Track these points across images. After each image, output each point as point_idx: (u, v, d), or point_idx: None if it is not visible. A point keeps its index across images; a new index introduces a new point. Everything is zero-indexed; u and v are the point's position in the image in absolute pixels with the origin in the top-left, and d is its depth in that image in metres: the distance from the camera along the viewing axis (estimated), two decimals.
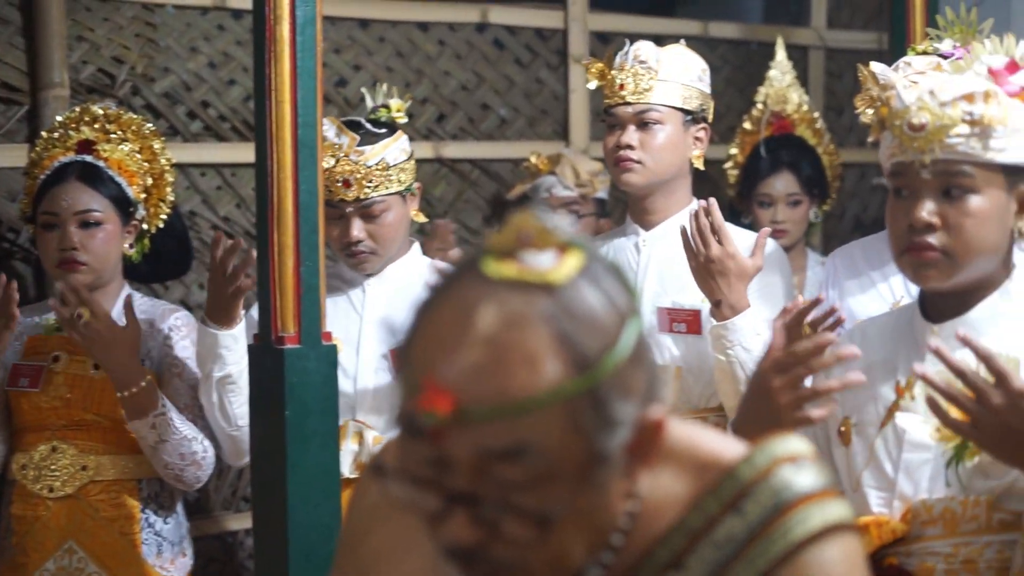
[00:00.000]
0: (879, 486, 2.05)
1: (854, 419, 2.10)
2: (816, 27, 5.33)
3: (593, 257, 1.26)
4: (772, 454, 1.33)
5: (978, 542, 1.97)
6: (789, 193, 4.12)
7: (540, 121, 4.80)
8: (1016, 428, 1.82)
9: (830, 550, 1.28)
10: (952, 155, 1.98)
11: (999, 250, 2.03)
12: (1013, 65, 2.03)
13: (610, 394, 1.22)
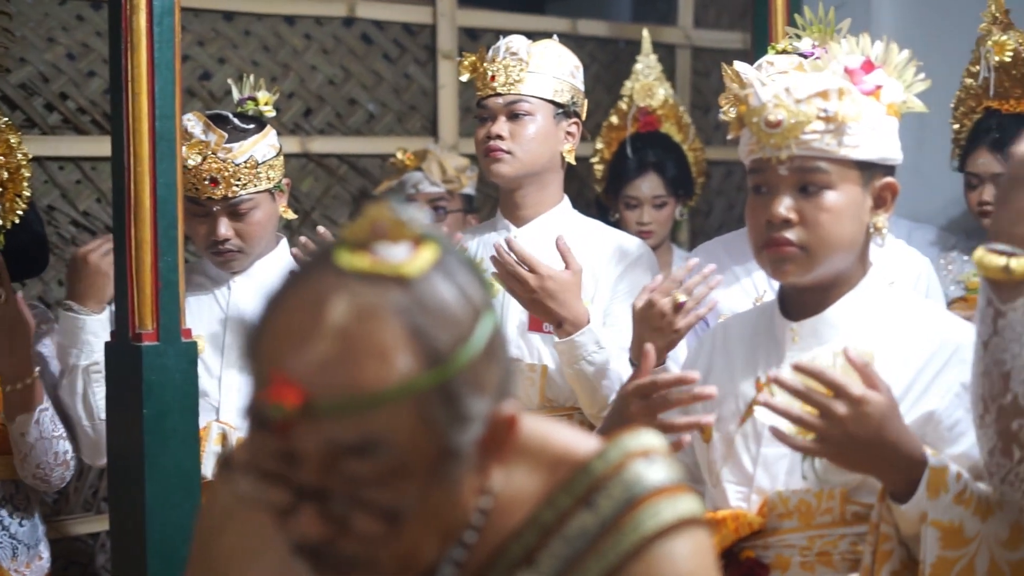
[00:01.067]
0: (738, 480, 2.07)
1: (714, 416, 2.11)
2: (683, 26, 5.38)
3: (448, 251, 1.25)
4: (625, 449, 1.32)
5: (832, 534, 1.99)
6: (655, 195, 4.15)
7: (408, 117, 4.78)
8: (860, 436, 1.85)
9: (680, 543, 1.28)
10: (808, 151, 2.00)
11: (855, 245, 2.06)
12: (868, 64, 2.07)
13: (462, 389, 1.20)
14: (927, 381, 1.99)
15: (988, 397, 1.76)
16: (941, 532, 1.88)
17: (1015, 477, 1.78)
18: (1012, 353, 1.73)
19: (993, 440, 1.78)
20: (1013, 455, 1.77)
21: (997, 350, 1.74)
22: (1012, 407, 1.75)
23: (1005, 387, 1.74)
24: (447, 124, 4.77)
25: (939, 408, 1.97)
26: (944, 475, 1.89)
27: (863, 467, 1.91)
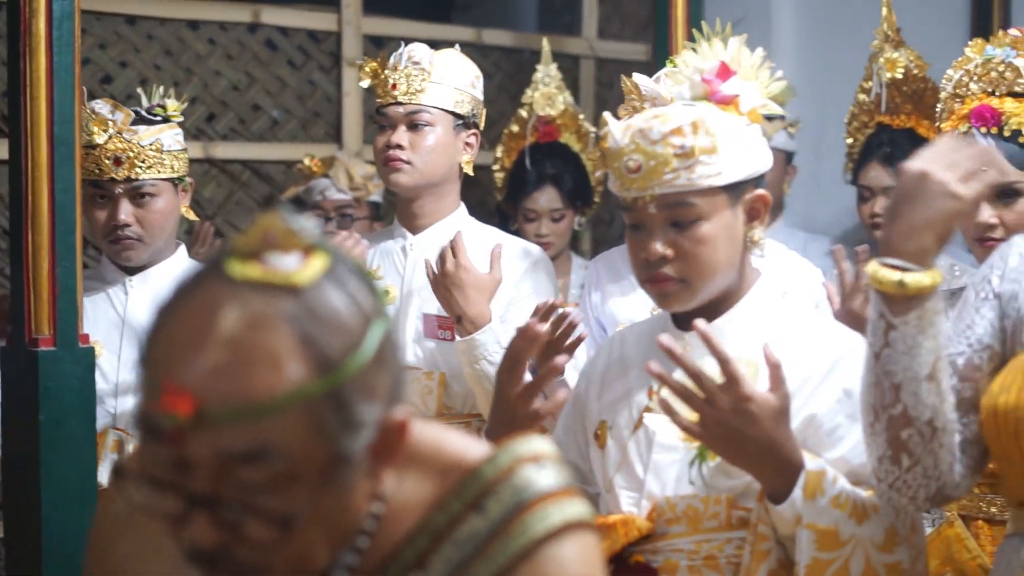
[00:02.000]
0: (630, 486, 2.11)
1: (609, 422, 2.15)
2: (587, 37, 5.44)
3: (338, 259, 1.26)
4: (515, 454, 1.35)
5: (719, 538, 2.03)
6: (553, 209, 4.19)
7: (313, 123, 4.78)
8: (740, 430, 1.89)
9: (568, 546, 1.31)
10: (672, 189, 2.03)
11: (734, 264, 2.09)
12: (724, 69, 2.10)
13: (353, 396, 1.22)
14: (811, 387, 2.03)
15: (879, 407, 1.81)
16: (816, 534, 1.92)
17: (903, 484, 1.84)
18: (903, 366, 1.77)
19: (883, 448, 1.83)
20: (902, 463, 1.82)
21: (888, 362, 1.78)
22: (902, 417, 1.79)
23: (896, 398, 1.79)
24: (351, 131, 4.78)
25: (820, 413, 2.02)
26: (820, 479, 1.94)
27: (740, 461, 1.95)
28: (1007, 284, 1.87)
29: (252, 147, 4.63)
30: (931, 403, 1.79)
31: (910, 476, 1.83)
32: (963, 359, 1.87)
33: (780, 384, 1.91)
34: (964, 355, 1.87)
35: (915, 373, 1.77)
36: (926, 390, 1.78)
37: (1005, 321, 1.86)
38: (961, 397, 1.85)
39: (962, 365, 1.86)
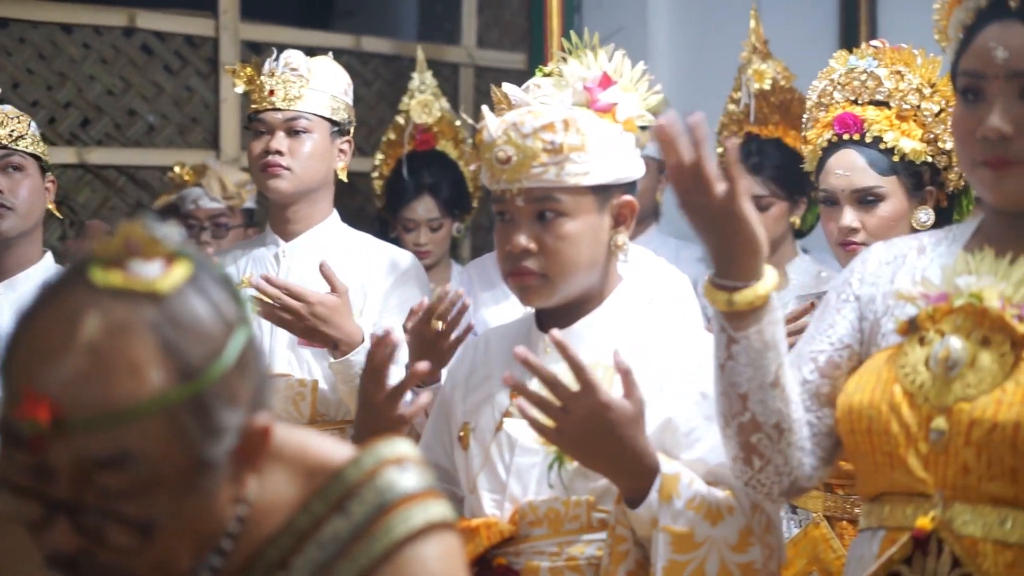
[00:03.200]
0: (492, 489, 2.14)
1: (472, 424, 2.18)
2: (466, 46, 5.47)
3: (201, 267, 1.28)
4: (379, 456, 1.38)
5: (580, 540, 2.07)
6: (430, 218, 4.21)
7: (190, 129, 4.75)
8: (598, 436, 1.93)
9: (430, 547, 1.34)
10: (539, 183, 2.07)
11: (596, 266, 2.14)
12: (605, 79, 2.15)
13: (215, 402, 1.24)
14: (667, 390, 2.08)
15: (728, 415, 1.87)
16: (672, 537, 1.97)
17: (757, 482, 1.90)
18: (747, 376, 1.83)
19: (735, 450, 1.89)
20: (754, 464, 1.88)
21: (732, 373, 1.84)
22: (750, 424, 1.85)
23: (743, 407, 1.85)
24: (229, 137, 4.76)
25: (677, 416, 2.07)
26: (676, 482, 1.99)
27: (597, 466, 1.99)
28: (866, 288, 1.93)
29: (128, 153, 4.58)
30: (777, 408, 1.84)
31: (763, 475, 1.89)
32: (824, 356, 1.93)
33: (634, 390, 1.95)
34: (825, 353, 1.93)
35: (760, 382, 1.83)
36: (772, 397, 1.84)
37: (863, 323, 1.92)
38: (819, 392, 1.91)
39: (823, 363, 1.92)
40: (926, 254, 1.91)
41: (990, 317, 1.75)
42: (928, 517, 1.75)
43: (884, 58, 2.63)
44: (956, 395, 1.74)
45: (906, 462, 1.77)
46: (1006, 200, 1.80)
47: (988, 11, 1.81)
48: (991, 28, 1.79)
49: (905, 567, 1.77)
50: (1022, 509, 1.72)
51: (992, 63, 1.77)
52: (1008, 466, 1.71)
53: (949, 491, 1.75)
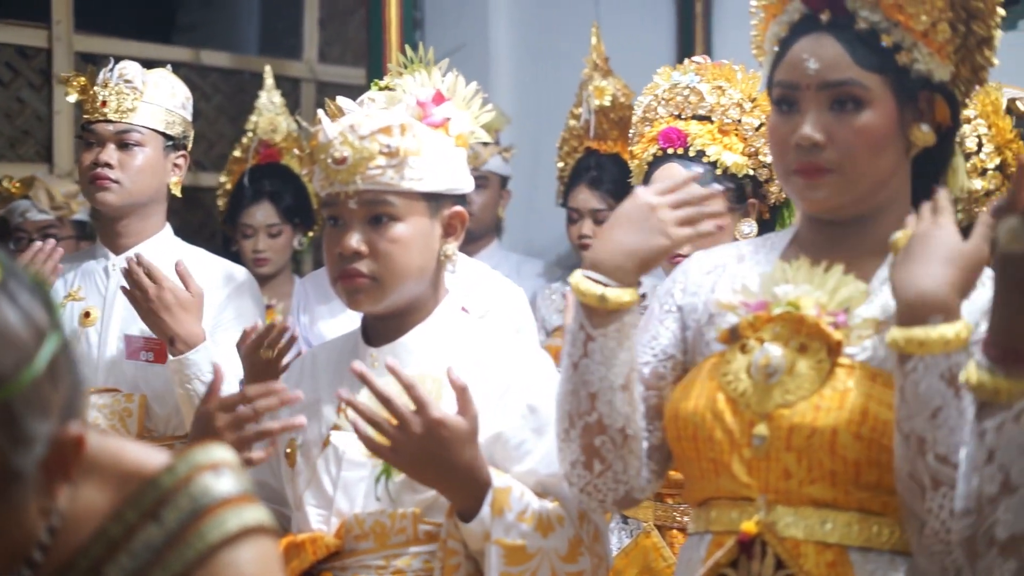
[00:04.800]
0: (319, 503, 2.12)
1: (299, 440, 2.16)
2: (308, 60, 5.44)
3: (11, 273, 1.25)
4: (193, 462, 1.35)
5: (406, 553, 2.06)
6: (269, 224, 4.18)
7: (22, 142, 4.64)
8: (433, 453, 1.93)
9: (245, 551, 1.32)
10: (374, 186, 2.08)
11: (426, 274, 2.14)
12: (439, 96, 2.16)
13: (23, 411, 1.21)
14: (496, 404, 2.08)
15: (575, 414, 1.87)
16: (504, 550, 1.98)
17: (594, 488, 1.91)
18: (599, 375, 1.84)
19: (576, 454, 1.89)
20: (594, 468, 1.89)
21: (586, 372, 1.85)
22: (597, 425, 1.86)
23: (592, 407, 1.86)
24: (62, 150, 4.66)
25: (506, 429, 2.08)
26: (507, 495, 2.00)
27: (430, 482, 2.00)
28: (688, 297, 1.96)
29: None
30: (624, 412, 1.86)
31: (601, 481, 1.90)
32: (648, 368, 1.95)
33: (468, 406, 1.95)
34: (649, 365, 1.95)
35: (611, 383, 1.84)
36: (620, 399, 1.85)
37: (686, 332, 1.95)
38: (648, 405, 1.93)
39: (648, 374, 1.95)
40: (745, 263, 1.94)
41: (807, 325, 1.79)
42: (752, 521, 1.78)
43: (706, 74, 2.70)
44: (776, 401, 1.78)
45: (730, 468, 1.80)
46: (819, 208, 1.85)
47: (801, 25, 1.86)
48: (804, 41, 1.84)
49: (731, 570, 1.79)
50: (841, 511, 1.76)
51: (804, 74, 1.82)
52: (827, 469, 1.75)
53: (772, 495, 1.78)
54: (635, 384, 1.87)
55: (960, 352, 1.62)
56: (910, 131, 1.83)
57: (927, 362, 1.62)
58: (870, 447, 1.71)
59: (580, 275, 1.85)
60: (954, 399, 1.62)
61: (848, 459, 1.74)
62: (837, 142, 1.80)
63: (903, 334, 1.64)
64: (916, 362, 1.63)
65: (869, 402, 1.74)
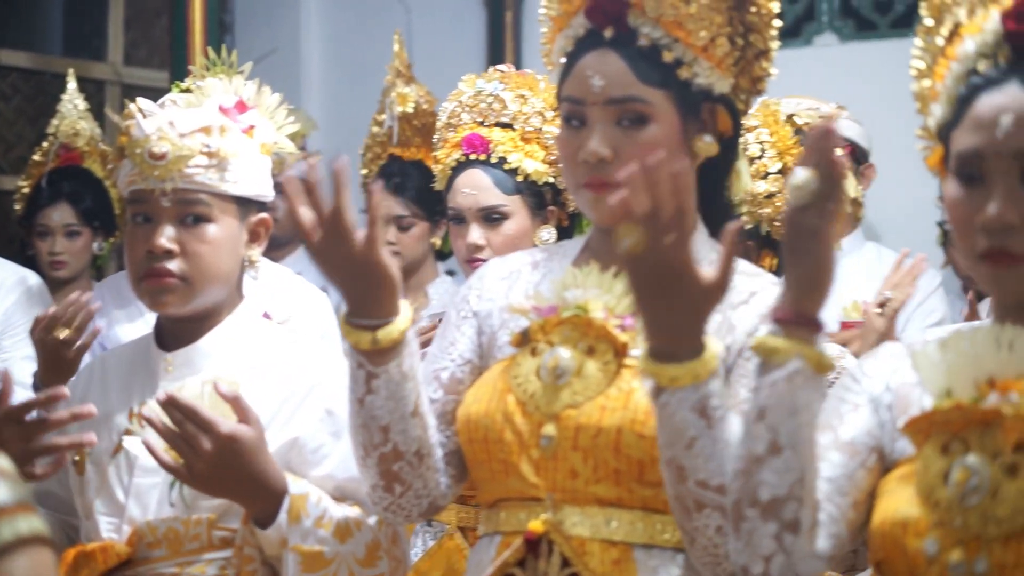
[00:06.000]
0: (110, 512, 2.09)
1: (88, 448, 2.11)
2: (113, 63, 5.35)
3: None
4: None
5: (201, 560, 2.04)
6: (66, 224, 4.10)
7: None
8: (228, 466, 1.93)
9: (19, 562, 1.29)
10: (191, 184, 2.07)
11: (232, 277, 2.15)
12: (241, 104, 2.16)
13: None
14: (291, 409, 2.09)
15: (368, 446, 1.88)
16: (302, 556, 1.99)
17: (397, 507, 1.92)
18: (388, 409, 1.84)
19: (375, 479, 1.90)
20: (395, 491, 1.90)
21: (373, 408, 1.84)
22: (392, 454, 1.87)
23: (385, 439, 1.86)
24: None
25: (303, 434, 2.08)
26: (304, 501, 2.00)
27: (228, 495, 2.00)
28: (484, 303, 1.98)
29: None
30: (417, 436, 1.87)
31: (403, 500, 1.91)
32: (447, 374, 1.97)
33: (247, 414, 1.96)
34: (448, 370, 1.97)
35: (401, 413, 1.85)
36: (412, 425, 1.86)
37: (482, 337, 1.97)
38: (445, 411, 1.94)
39: (446, 380, 1.96)
40: (539, 269, 1.98)
41: (595, 327, 1.82)
42: (539, 520, 1.81)
43: (509, 82, 2.74)
44: (564, 402, 1.81)
45: (519, 468, 1.83)
46: (608, 219, 1.88)
47: (586, 40, 1.88)
48: (588, 57, 1.86)
49: (518, 569, 1.82)
50: (626, 509, 1.80)
51: (590, 91, 1.85)
52: (612, 469, 1.79)
53: (559, 494, 1.81)
54: (424, 404, 1.89)
55: (710, 380, 1.61)
56: (694, 143, 1.88)
57: (679, 396, 1.62)
58: (653, 446, 1.74)
59: (345, 323, 1.83)
60: (707, 430, 1.62)
61: (632, 458, 1.78)
62: (624, 157, 1.82)
63: (655, 368, 1.62)
64: (668, 397, 1.62)
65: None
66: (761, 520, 1.54)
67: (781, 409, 1.53)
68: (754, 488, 1.54)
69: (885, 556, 1.55)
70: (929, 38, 1.63)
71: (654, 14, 1.84)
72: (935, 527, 1.48)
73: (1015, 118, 1.47)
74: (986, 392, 1.49)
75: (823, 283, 1.52)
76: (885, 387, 1.63)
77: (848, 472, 1.60)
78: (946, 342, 1.55)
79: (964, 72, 1.54)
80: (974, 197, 1.50)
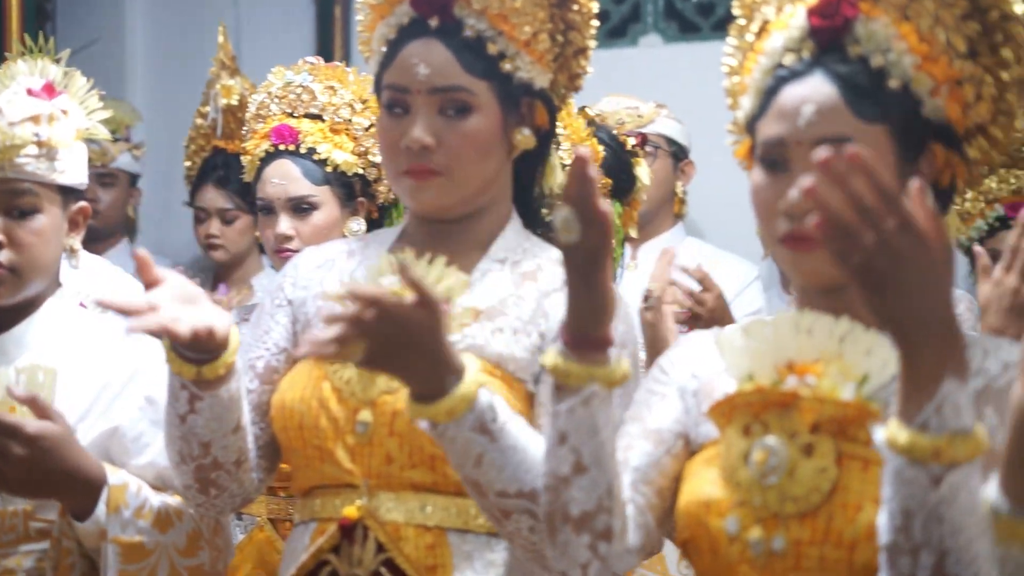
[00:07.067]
0: None
1: None
2: None
3: None
4: None
5: (17, 552, 2.02)
6: None
7: None
8: (40, 467, 1.89)
9: None
10: (21, 175, 2.05)
11: (55, 266, 2.13)
12: (49, 88, 2.13)
13: None
14: (110, 397, 2.07)
15: (187, 456, 1.86)
16: (122, 548, 1.97)
17: (211, 506, 1.92)
18: (211, 428, 1.82)
19: (190, 481, 1.89)
20: (210, 493, 1.90)
21: (195, 426, 1.82)
22: (212, 464, 1.86)
23: (206, 452, 1.85)
24: None
25: (123, 423, 2.06)
26: (124, 492, 1.99)
27: (46, 495, 1.98)
28: (298, 291, 1.98)
29: None
30: (239, 447, 1.87)
31: (218, 501, 1.92)
32: (262, 363, 1.96)
33: (47, 411, 1.92)
34: (263, 359, 1.97)
35: (223, 431, 1.83)
36: (235, 439, 1.86)
37: (297, 326, 1.97)
38: (260, 400, 1.94)
39: (261, 369, 1.96)
40: (355, 257, 1.98)
41: None
42: (354, 506, 1.82)
43: (319, 74, 2.76)
44: (380, 388, 1.82)
45: (334, 455, 1.84)
46: (427, 208, 1.91)
47: (409, 28, 1.89)
48: (413, 45, 1.88)
49: (333, 556, 1.83)
50: (440, 494, 1.83)
51: (414, 79, 1.87)
52: (427, 454, 1.81)
53: (374, 480, 1.83)
54: (246, 415, 1.89)
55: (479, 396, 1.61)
56: (512, 135, 1.91)
57: (456, 423, 1.61)
58: None
59: (169, 352, 1.80)
60: (491, 443, 1.63)
61: None
62: (446, 146, 1.86)
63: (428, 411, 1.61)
64: (444, 428, 1.62)
65: None
66: (574, 533, 1.57)
67: (582, 432, 1.55)
68: (564, 505, 1.56)
69: (690, 535, 1.59)
70: (740, 36, 1.69)
71: (480, 6, 1.87)
72: (736, 506, 1.52)
73: (816, 108, 1.52)
74: (785, 375, 1.55)
75: (606, 309, 1.54)
76: (691, 375, 1.67)
77: (654, 460, 1.63)
78: (748, 328, 1.60)
79: (771, 66, 1.59)
80: (777, 183, 1.55)
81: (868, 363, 1.52)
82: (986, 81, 1.57)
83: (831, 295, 1.57)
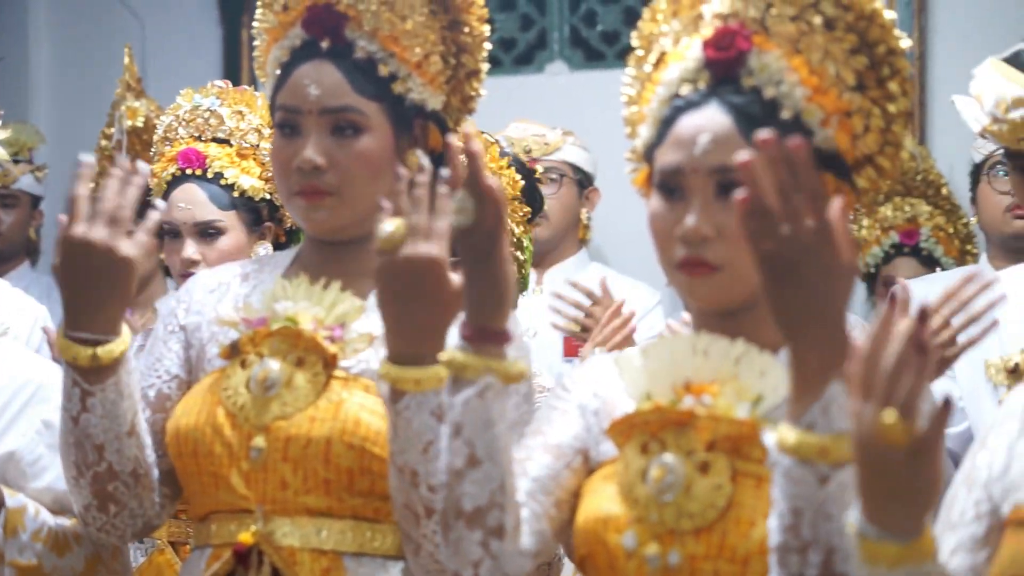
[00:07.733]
0: None
1: None
2: None
3: None
4: None
5: None
6: None
7: None
8: None
9: None
10: None
11: None
12: None
13: None
14: (8, 420, 2.05)
15: (82, 465, 1.86)
16: (18, 571, 1.96)
17: (111, 527, 1.90)
18: (103, 428, 1.83)
19: (89, 499, 1.88)
20: (109, 511, 1.88)
21: (88, 426, 1.82)
22: (107, 473, 1.85)
23: (100, 457, 1.84)
24: None
25: (20, 447, 2.04)
26: (21, 515, 1.97)
27: None
28: (192, 316, 1.98)
29: None
30: (134, 455, 1.87)
31: (118, 520, 1.90)
32: (154, 391, 1.96)
33: None
34: (155, 387, 1.96)
35: (116, 432, 1.84)
36: (128, 445, 1.86)
37: (190, 351, 1.97)
38: (155, 429, 1.93)
39: (153, 397, 1.95)
40: (249, 281, 1.98)
41: (304, 339, 1.85)
42: (249, 532, 1.82)
43: (227, 98, 2.76)
44: (274, 414, 1.83)
45: (229, 481, 1.84)
46: (319, 228, 1.92)
47: (302, 51, 1.92)
48: (305, 67, 1.90)
49: None
50: (336, 518, 1.83)
51: (306, 100, 1.89)
52: (321, 478, 1.82)
53: (269, 505, 1.83)
54: (140, 425, 1.88)
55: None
56: (405, 157, 1.92)
57: (419, 400, 1.69)
58: (362, 456, 1.79)
59: (63, 337, 1.81)
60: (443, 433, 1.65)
61: (342, 467, 1.81)
62: (337, 166, 1.87)
63: (397, 373, 1.69)
64: (409, 400, 1.69)
65: (361, 412, 1.82)
66: (467, 529, 1.57)
67: (476, 424, 1.56)
68: (457, 499, 1.57)
69: (588, 552, 1.60)
70: (639, 66, 1.72)
71: (371, 28, 1.89)
72: (634, 522, 1.54)
73: (712, 137, 1.56)
74: (682, 395, 1.58)
75: (504, 299, 1.57)
76: (592, 394, 1.69)
77: (553, 473, 1.64)
78: (647, 349, 1.63)
79: (668, 96, 1.62)
80: (674, 210, 1.58)
81: (762, 384, 1.55)
82: (874, 113, 1.61)
83: (727, 318, 1.60)
